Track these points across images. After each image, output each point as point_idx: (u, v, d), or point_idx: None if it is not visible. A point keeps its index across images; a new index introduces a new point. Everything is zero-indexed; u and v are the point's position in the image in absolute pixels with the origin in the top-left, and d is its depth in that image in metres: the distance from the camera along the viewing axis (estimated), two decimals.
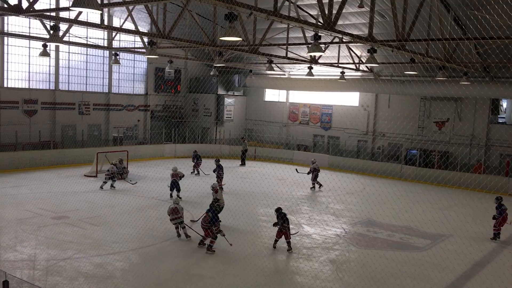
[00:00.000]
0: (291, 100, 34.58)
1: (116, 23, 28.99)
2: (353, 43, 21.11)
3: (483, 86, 24.04)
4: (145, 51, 22.08)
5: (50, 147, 26.72)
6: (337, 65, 25.17)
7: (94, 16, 23.21)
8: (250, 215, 16.68)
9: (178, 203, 14.06)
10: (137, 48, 27.17)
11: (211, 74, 30.32)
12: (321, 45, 15.07)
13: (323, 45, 18.65)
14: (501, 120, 27.81)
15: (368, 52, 17.55)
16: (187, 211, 15.71)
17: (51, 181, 21.43)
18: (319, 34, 13.59)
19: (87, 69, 29.72)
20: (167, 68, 27.58)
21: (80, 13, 16.47)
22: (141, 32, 20.30)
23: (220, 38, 11.29)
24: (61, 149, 27.15)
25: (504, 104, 29.15)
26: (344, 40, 17.52)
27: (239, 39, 11.07)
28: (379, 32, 22.52)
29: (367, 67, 27.95)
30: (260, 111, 35.35)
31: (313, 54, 16.69)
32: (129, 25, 22.82)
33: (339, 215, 18.01)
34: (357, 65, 25.92)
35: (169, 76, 33.11)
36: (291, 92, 34.34)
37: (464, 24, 20.07)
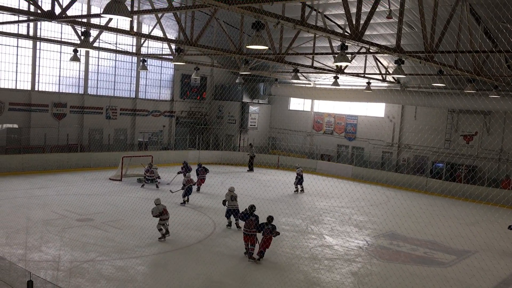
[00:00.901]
0: (315, 109, 34.45)
1: (145, 30, 29.56)
2: (380, 53, 20.93)
3: None
4: (172, 57, 22.38)
5: (77, 150, 27.26)
6: (363, 75, 24.99)
7: (123, 23, 23.65)
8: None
9: (159, 202, 14.43)
10: (165, 54, 27.60)
11: (237, 81, 30.49)
12: (348, 55, 14.98)
13: (350, 55, 18.53)
14: None
15: (395, 63, 17.40)
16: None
17: (77, 183, 21.85)
18: (346, 44, 13.54)
19: (115, 75, 30.28)
20: (193, 75, 27.84)
21: (110, 19, 16.88)
22: (169, 39, 20.55)
23: (246, 46, 11.32)
24: (87, 152, 27.70)
25: None
26: (371, 50, 17.38)
27: (266, 47, 11.08)
28: (407, 43, 22.27)
29: (393, 78, 27.62)
30: (284, 120, 35.34)
31: (339, 64, 16.60)
32: (157, 32, 23.20)
33: (362, 227, 17.78)
34: (384, 75, 25.65)
35: (195, 83, 33.42)
36: (316, 101, 34.23)
37: (494, 36, 19.70)
